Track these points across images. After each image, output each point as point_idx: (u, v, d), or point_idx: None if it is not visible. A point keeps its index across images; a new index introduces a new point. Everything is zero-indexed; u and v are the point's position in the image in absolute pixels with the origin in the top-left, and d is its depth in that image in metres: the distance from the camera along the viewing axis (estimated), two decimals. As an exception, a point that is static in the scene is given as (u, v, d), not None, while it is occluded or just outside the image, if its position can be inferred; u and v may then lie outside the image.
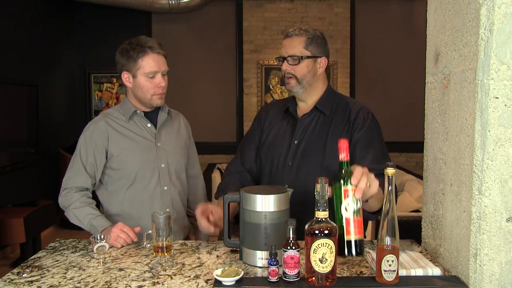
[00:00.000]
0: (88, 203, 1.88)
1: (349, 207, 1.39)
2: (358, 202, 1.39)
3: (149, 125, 1.96)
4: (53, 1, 5.66)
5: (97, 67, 6.18)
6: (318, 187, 1.28)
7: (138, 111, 1.95)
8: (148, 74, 1.86)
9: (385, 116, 6.55)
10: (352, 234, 1.40)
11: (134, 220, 1.88)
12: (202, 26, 6.48)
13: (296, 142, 1.84)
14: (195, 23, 6.47)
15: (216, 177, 5.49)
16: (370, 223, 3.67)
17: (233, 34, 6.53)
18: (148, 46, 1.86)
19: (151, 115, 1.99)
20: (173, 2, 5.91)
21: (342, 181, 1.39)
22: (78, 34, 6.22)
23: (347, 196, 1.38)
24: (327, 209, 1.28)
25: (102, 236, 1.60)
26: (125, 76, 1.90)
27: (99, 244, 1.57)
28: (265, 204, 1.46)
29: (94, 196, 1.98)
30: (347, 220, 1.39)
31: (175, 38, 6.44)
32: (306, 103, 1.89)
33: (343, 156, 1.41)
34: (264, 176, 1.93)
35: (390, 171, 1.30)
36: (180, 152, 2.04)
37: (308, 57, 1.82)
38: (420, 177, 3.65)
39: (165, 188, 1.95)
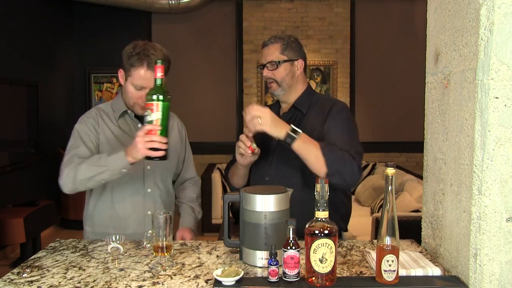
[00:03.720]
0: (90, 155, 1.78)
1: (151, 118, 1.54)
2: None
3: (139, 125, 1.93)
4: (53, 1, 5.66)
5: (97, 67, 6.18)
6: (318, 187, 1.29)
7: (129, 111, 1.93)
8: (135, 86, 1.81)
9: (385, 116, 6.57)
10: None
11: (118, 219, 1.90)
12: (202, 26, 6.48)
13: (276, 139, 1.89)
14: (195, 23, 6.47)
15: (216, 177, 5.49)
16: (370, 223, 3.67)
17: (233, 34, 6.52)
18: (147, 61, 1.77)
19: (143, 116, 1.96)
20: (173, 2, 5.91)
21: (154, 96, 1.52)
22: (78, 34, 6.22)
23: (153, 110, 1.52)
24: (327, 209, 1.29)
25: (118, 237, 1.56)
26: (121, 74, 1.88)
27: (113, 245, 1.55)
28: (265, 204, 1.46)
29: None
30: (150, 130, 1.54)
31: (175, 38, 6.44)
32: (287, 103, 2.00)
33: (159, 75, 1.54)
34: (251, 171, 2.01)
35: (390, 171, 1.30)
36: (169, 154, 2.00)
37: (285, 61, 1.92)
38: (420, 177, 3.65)
39: (149, 190, 1.94)
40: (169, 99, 1.55)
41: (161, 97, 1.52)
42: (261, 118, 1.67)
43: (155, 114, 1.51)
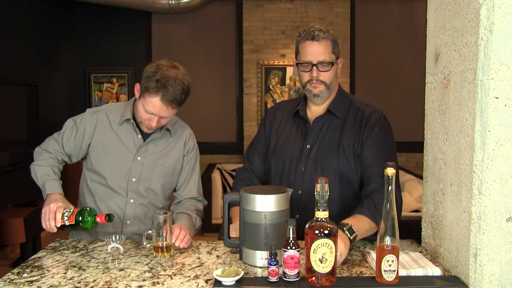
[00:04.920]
0: (51, 165, 1.87)
1: None
2: None
3: (139, 136, 1.89)
4: (53, 1, 5.66)
5: (97, 67, 6.17)
6: (318, 187, 1.28)
7: (132, 121, 1.88)
8: (146, 110, 1.77)
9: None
10: None
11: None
12: (202, 26, 6.47)
13: (308, 146, 1.79)
14: (195, 23, 6.46)
15: (216, 177, 5.49)
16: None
17: (233, 34, 6.52)
18: (163, 92, 1.71)
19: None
20: (173, 2, 5.90)
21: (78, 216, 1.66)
22: (78, 34, 6.22)
23: (70, 218, 1.67)
24: (327, 209, 1.29)
25: (118, 237, 1.57)
26: (137, 88, 1.82)
27: (113, 245, 1.54)
28: (265, 204, 1.46)
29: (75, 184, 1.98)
30: None
31: (175, 38, 6.44)
32: (321, 106, 1.83)
33: (98, 220, 1.65)
34: (274, 180, 1.87)
35: (390, 171, 1.30)
36: (161, 172, 1.91)
37: (335, 61, 1.76)
38: (420, 177, 3.65)
39: (131, 201, 1.89)
40: (83, 226, 1.67)
41: (80, 221, 1.65)
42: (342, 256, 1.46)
43: (68, 221, 1.66)
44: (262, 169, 1.95)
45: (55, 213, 1.66)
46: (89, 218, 1.64)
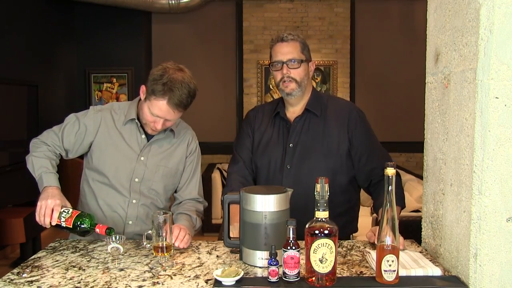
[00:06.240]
0: (49, 158, 1.84)
1: None
2: None
3: (143, 136, 1.90)
4: (53, 1, 5.66)
5: (97, 67, 6.17)
6: (318, 187, 1.28)
7: (136, 121, 1.88)
8: (152, 112, 1.78)
9: (385, 116, 6.56)
10: None
11: (100, 218, 1.87)
12: (202, 26, 6.48)
13: (291, 145, 1.88)
14: (195, 23, 6.46)
15: (216, 177, 5.49)
16: (370, 223, 3.67)
17: (233, 34, 6.52)
18: (170, 95, 1.72)
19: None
20: (173, 2, 5.90)
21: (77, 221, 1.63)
22: (78, 34, 6.22)
23: (68, 220, 1.64)
24: (327, 209, 1.29)
25: (118, 237, 1.56)
26: (142, 90, 1.82)
27: (113, 245, 1.54)
28: (265, 204, 1.46)
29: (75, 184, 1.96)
30: None
31: (175, 38, 6.44)
32: (297, 106, 1.93)
33: (97, 231, 1.61)
34: (261, 179, 1.93)
35: (390, 171, 1.30)
36: (163, 172, 1.92)
37: (305, 61, 1.88)
38: (420, 177, 3.65)
39: (134, 201, 1.89)
40: (80, 231, 1.64)
41: (77, 226, 1.62)
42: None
43: (64, 222, 1.63)
44: (251, 165, 2.00)
45: (52, 210, 1.64)
46: (88, 226, 1.61)
